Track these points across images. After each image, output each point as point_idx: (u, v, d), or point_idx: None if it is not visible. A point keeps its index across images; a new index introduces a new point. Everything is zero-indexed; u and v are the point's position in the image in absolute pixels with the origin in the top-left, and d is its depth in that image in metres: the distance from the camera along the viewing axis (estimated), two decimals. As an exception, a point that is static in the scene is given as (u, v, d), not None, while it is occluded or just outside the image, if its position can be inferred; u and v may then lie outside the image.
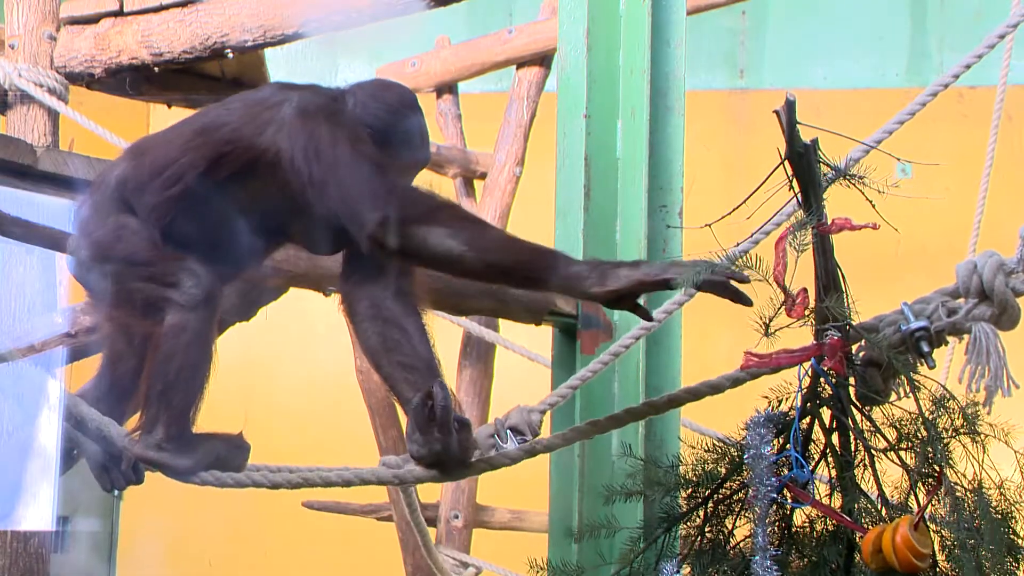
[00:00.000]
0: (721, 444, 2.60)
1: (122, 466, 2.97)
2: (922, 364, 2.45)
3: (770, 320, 2.51)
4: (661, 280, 2.53)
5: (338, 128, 2.81)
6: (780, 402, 2.57)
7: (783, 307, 2.50)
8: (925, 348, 2.43)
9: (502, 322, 5.58)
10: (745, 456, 2.46)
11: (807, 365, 2.51)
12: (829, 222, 2.51)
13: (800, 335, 2.56)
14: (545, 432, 3.43)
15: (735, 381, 2.65)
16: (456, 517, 5.58)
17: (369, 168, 2.76)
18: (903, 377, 2.46)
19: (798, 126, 2.53)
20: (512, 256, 2.68)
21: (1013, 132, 7.04)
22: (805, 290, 2.52)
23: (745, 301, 2.49)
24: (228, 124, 2.86)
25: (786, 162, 2.54)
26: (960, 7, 7.57)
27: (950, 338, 2.49)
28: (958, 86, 7.11)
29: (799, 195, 2.54)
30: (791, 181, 2.56)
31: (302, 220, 2.88)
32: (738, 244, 2.62)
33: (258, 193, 2.86)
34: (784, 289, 2.50)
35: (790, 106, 2.52)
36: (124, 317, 2.89)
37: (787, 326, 2.53)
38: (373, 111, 2.91)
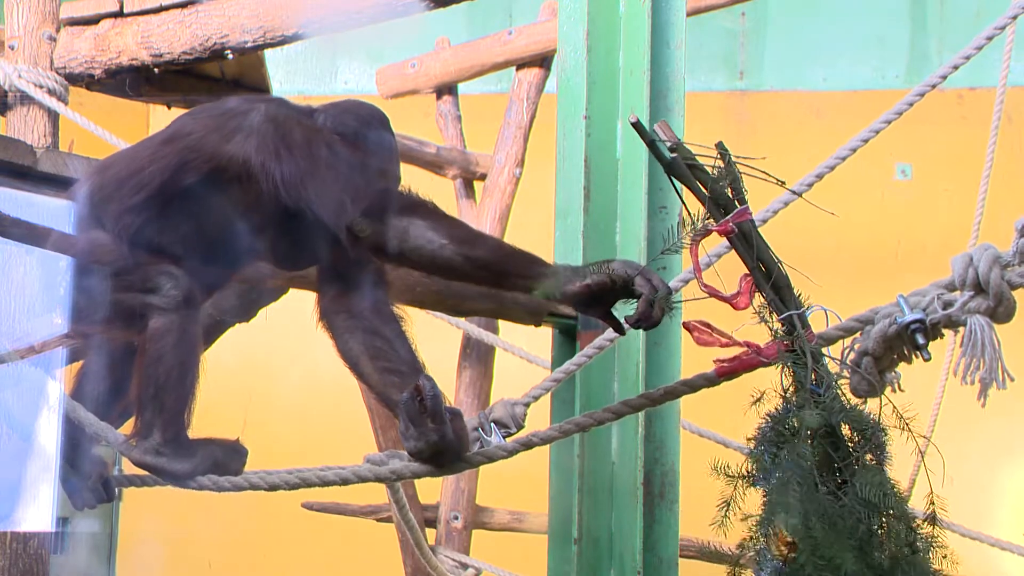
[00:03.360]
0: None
1: (90, 485, 3.00)
2: (918, 356, 2.45)
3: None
4: (624, 278, 2.55)
5: (311, 132, 2.84)
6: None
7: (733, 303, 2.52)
8: (920, 340, 2.43)
9: (502, 324, 5.58)
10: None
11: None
12: (717, 222, 2.52)
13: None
14: (533, 426, 3.42)
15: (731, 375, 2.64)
16: (456, 518, 5.58)
17: (347, 165, 2.78)
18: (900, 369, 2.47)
19: (658, 141, 2.53)
20: (489, 252, 2.70)
21: (1013, 133, 7.05)
22: (749, 280, 2.52)
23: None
24: (193, 133, 2.87)
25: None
26: (960, 9, 7.57)
27: (946, 331, 2.49)
28: (958, 88, 7.15)
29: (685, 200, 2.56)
30: (677, 190, 2.57)
31: (268, 234, 2.89)
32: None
33: (225, 204, 2.87)
34: (712, 291, 2.52)
35: (637, 126, 2.54)
36: (109, 329, 2.91)
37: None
38: (343, 121, 2.94)
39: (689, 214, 2.56)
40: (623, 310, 2.68)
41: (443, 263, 2.71)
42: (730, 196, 2.55)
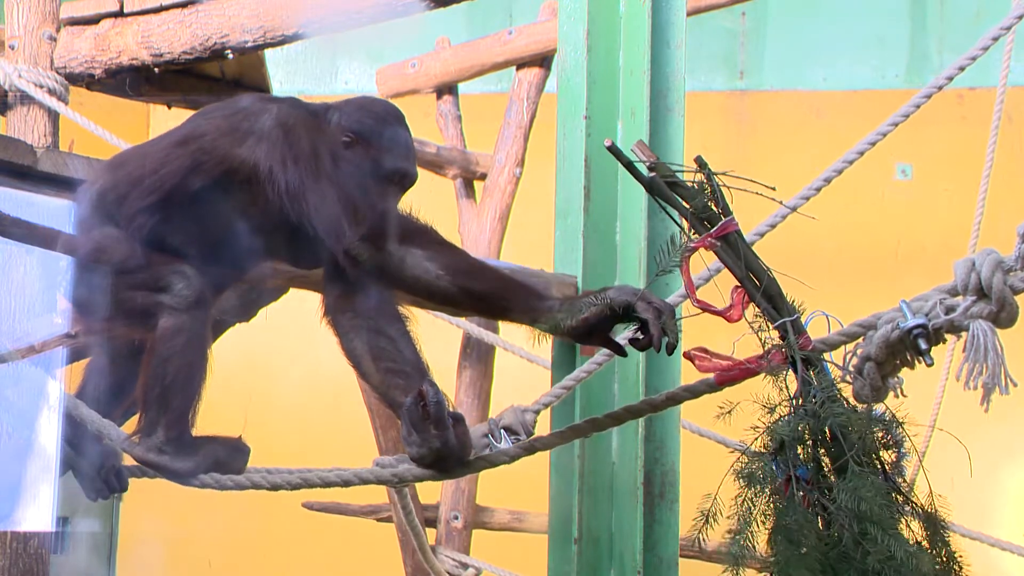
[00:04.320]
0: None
1: (103, 475, 3.00)
2: (920, 362, 2.45)
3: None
4: (624, 304, 2.56)
5: (319, 141, 2.83)
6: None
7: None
8: (923, 345, 2.43)
9: (502, 323, 5.58)
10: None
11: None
12: (699, 237, 2.53)
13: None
14: (542, 432, 3.43)
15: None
16: (456, 518, 5.58)
17: (350, 183, 2.77)
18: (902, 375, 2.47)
19: (635, 162, 2.55)
20: (487, 284, 2.70)
21: (1013, 133, 7.05)
22: (741, 292, 2.53)
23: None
24: (206, 134, 2.87)
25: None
26: (960, 8, 7.57)
27: (948, 336, 2.49)
28: (958, 87, 7.15)
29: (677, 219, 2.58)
30: (663, 208, 2.58)
31: (282, 233, 2.89)
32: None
33: (237, 205, 2.86)
34: (704, 305, 2.53)
35: (613, 149, 2.56)
36: (118, 327, 2.91)
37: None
38: (358, 118, 2.92)
39: (683, 231, 2.57)
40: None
41: (439, 293, 2.73)
42: (714, 209, 2.54)
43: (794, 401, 2.48)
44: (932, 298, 2.46)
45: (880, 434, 2.46)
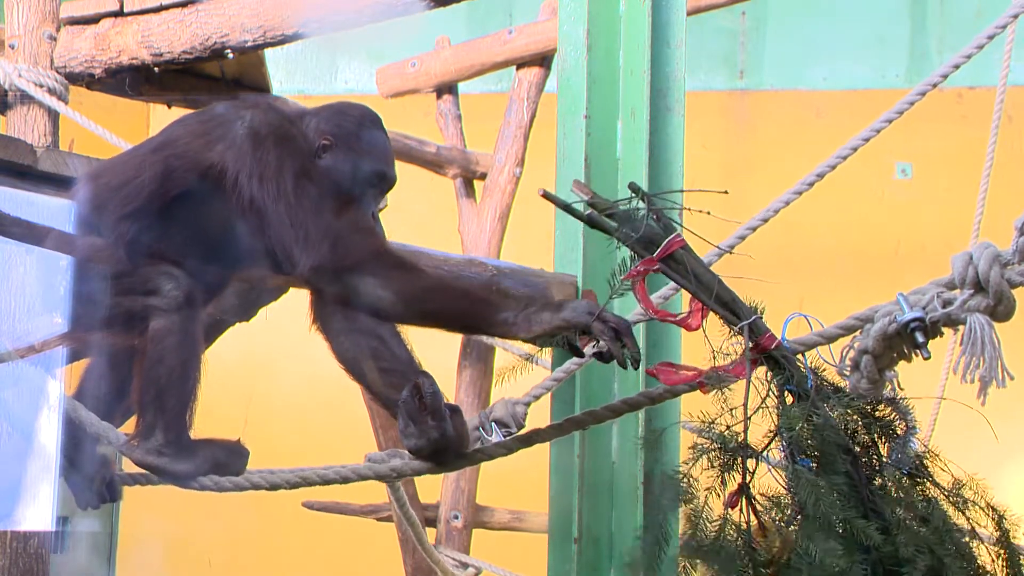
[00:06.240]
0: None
1: (94, 486, 3.01)
2: (917, 355, 2.46)
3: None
4: (580, 325, 2.59)
5: (286, 155, 2.82)
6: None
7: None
8: (920, 339, 2.44)
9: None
10: None
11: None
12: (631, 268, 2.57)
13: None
14: (533, 426, 3.43)
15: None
16: (456, 518, 5.58)
17: (308, 206, 2.77)
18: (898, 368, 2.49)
19: (575, 202, 2.61)
20: (441, 306, 2.71)
21: (1013, 132, 7.05)
22: (699, 302, 2.55)
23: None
24: (179, 140, 2.88)
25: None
26: (960, 8, 7.57)
27: (947, 331, 2.49)
28: (958, 87, 7.15)
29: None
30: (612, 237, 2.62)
31: (262, 237, 2.89)
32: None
33: (216, 208, 2.87)
34: (663, 315, 2.57)
35: (547, 196, 2.63)
36: (113, 334, 2.92)
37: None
38: (336, 122, 2.93)
39: (638, 255, 2.61)
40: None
41: (397, 317, 2.78)
42: (659, 230, 2.57)
43: (770, 402, 2.51)
44: (929, 291, 2.46)
45: (872, 424, 2.48)
